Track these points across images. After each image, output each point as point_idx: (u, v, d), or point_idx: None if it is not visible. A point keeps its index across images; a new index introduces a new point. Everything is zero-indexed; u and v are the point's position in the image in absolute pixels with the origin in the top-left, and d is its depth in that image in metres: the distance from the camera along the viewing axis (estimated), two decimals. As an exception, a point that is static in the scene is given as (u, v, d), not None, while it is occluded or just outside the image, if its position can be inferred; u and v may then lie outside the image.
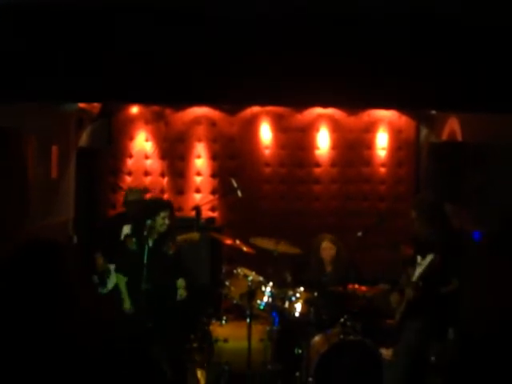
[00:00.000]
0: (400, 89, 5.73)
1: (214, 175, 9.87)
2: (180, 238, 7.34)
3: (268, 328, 7.29)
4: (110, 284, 7.81)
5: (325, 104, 8.29)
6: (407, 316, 6.24)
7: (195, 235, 7.63)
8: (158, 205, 7.21)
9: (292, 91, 5.73)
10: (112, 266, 7.76)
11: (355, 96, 5.84)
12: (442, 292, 6.05)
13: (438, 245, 6.04)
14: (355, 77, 5.62)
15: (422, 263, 5.96)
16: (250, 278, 7.33)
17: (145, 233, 6.80)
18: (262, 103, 8.77)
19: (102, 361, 2.69)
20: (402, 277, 6.41)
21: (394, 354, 6.62)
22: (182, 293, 7.02)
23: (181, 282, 7.05)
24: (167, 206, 7.17)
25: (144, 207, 7.38)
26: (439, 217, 6.33)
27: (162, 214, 6.94)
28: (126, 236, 7.24)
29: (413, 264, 6.17)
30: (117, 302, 7.12)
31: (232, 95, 5.93)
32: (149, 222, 6.81)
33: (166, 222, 6.96)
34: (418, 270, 6.01)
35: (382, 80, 5.64)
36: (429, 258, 5.86)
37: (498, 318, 2.05)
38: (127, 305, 6.99)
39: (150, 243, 6.89)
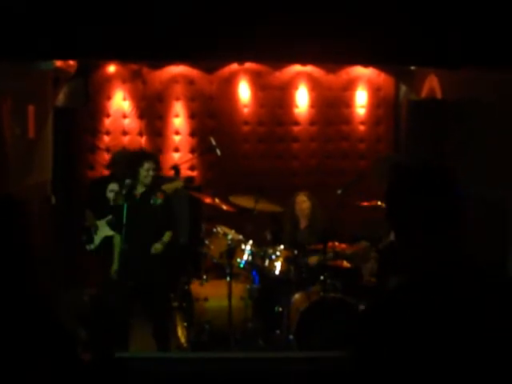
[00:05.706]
0: (379, 44, 5.69)
1: (192, 134, 9.80)
2: (164, 187, 7.28)
3: (248, 286, 7.32)
4: (97, 240, 7.78)
5: (305, 60, 8.21)
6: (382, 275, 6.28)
7: (179, 183, 7.62)
8: (142, 156, 7.03)
9: (272, 47, 5.67)
10: (100, 222, 7.73)
11: (336, 52, 5.80)
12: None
13: None
14: (336, 32, 5.57)
15: None
16: (230, 237, 7.32)
17: (123, 191, 6.72)
18: (242, 60, 8.69)
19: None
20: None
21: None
22: (157, 247, 6.86)
23: (167, 236, 6.93)
24: (151, 157, 7.02)
25: (127, 159, 7.24)
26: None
27: (146, 166, 6.80)
28: (115, 193, 7.15)
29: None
30: (105, 261, 7.07)
31: (211, 52, 5.85)
32: (128, 181, 6.73)
33: (151, 173, 6.82)
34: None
35: (361, 35, 5.59)
36: None
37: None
38: (115, 266, 6.88)
39: (138, 197, 6.84)
